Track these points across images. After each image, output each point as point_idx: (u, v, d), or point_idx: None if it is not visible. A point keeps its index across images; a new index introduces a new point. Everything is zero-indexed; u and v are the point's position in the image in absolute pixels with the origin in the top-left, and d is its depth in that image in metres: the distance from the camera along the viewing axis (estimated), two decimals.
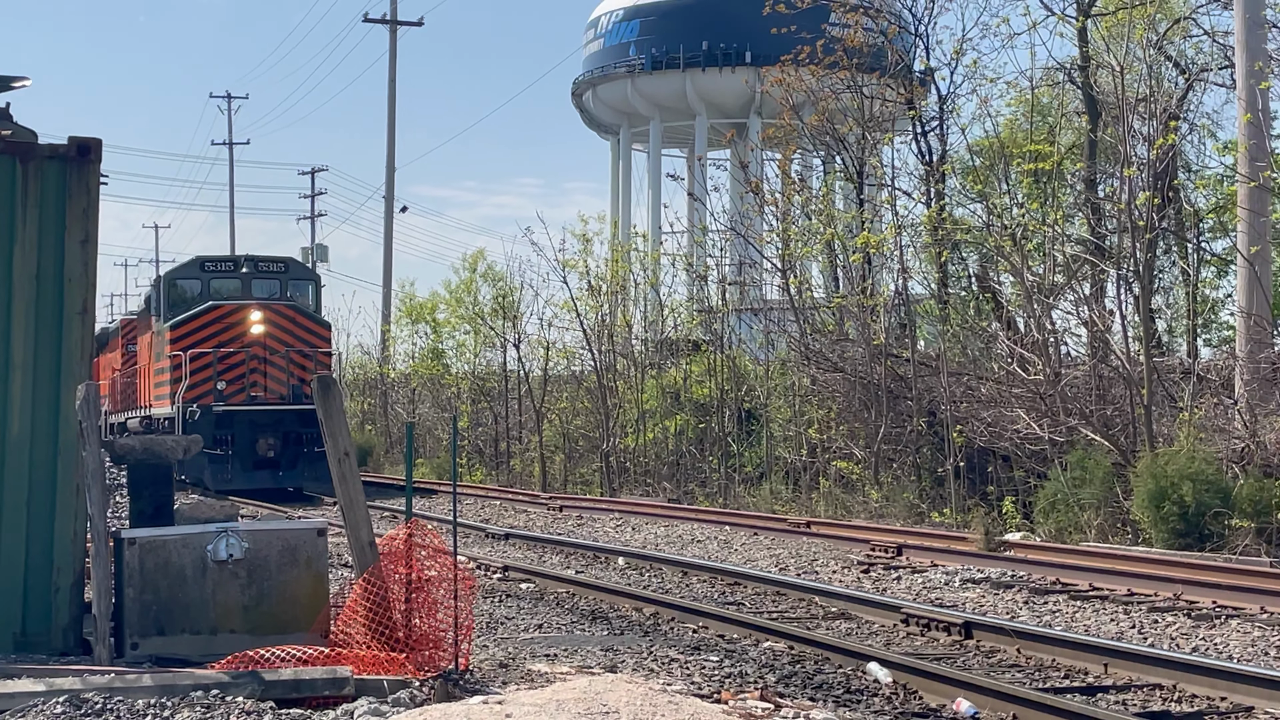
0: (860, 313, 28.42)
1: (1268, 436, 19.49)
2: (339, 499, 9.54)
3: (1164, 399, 22.07)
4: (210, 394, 30.60)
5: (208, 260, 34.04)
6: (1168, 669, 10.14)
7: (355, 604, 9.26)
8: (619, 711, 7.49)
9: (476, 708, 7.18)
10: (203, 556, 9.47)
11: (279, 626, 9.44)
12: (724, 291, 35.09)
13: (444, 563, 9.40)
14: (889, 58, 29.81)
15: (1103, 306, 25.22)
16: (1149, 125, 23.34)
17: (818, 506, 25.75)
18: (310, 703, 8.17)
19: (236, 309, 31.42)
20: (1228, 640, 12.02)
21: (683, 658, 10.84)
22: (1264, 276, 21.06)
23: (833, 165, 33.79)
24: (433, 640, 9.17)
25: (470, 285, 43.73)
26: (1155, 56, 28.77)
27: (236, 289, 32.76)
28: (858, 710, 9.16)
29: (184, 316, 31.61)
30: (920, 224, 29.07)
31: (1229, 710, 9.31)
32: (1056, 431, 22.34)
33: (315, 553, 9.71)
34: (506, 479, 38.29)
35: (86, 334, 9.69)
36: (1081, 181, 29.08)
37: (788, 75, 30.90)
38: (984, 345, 27.47)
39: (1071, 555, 17.62)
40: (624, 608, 14.03)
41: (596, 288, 36.63)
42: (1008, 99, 30.67)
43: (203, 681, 8.26)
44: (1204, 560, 16.55)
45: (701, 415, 32.67)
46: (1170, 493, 18.54)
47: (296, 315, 32.17)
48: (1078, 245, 26.92)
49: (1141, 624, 12.92)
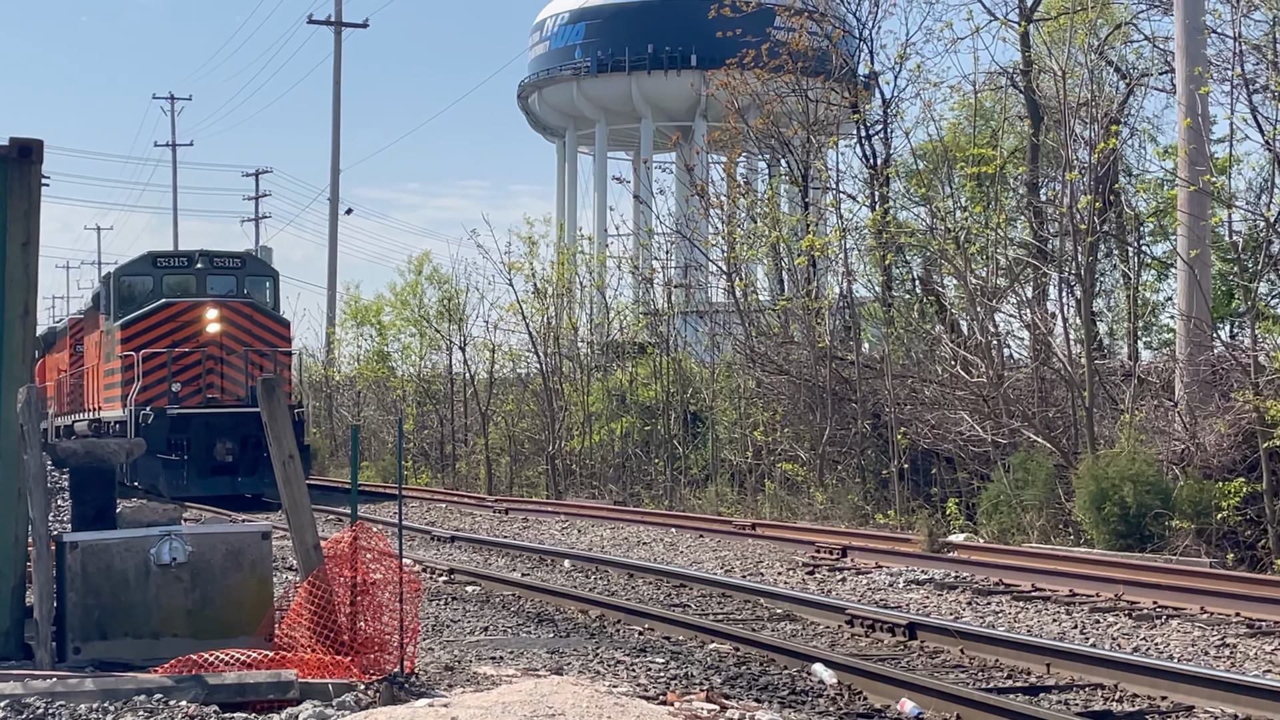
0: (805, 315, 28.50)
1: (1207, 439, 19.66)
2: (284, 502, 9.50)
3: (1105, 401, 22.23)
4: (164, 396, 29.35)
5: (160, 256, 32.56)
6: (1109, 669, 10.21)
7: (300, 607, 9.22)
8: (565, 714, 7.49)
9: (422, 711, 7.17)
10: (146, 560, 9.41)
11: (223, 630, 9.38)
12: (669, 294, 35.13)
13: (389, 565, 9.37)
14: (833, 61, 29.93)
15: (1045, 309, 25.39)
16: (1090, 129, 23.50)
17: (763, 508, 25.81)
18: (254, 707, 8.13)
19: (191, 306, 30.07)
20: (1168, 640, 12.12)
21: (629, 660, 10.84)
22: (1203, 280, 21.24)
23: (778, 168, 33.90)
24: (378, 643, 9.14)
25: (415, 288, 43.60)
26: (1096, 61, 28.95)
27: (191, 286, 31.18)
28: (803, 711, 9.19)
29: (135, 315, 30.19)
30: (865, 227, 29.21)
31: (1170, 709, 9.38)
32: (999, 433, 22.47)
33: (259, 556, 9.66)
34: (452, 482, 38.20)
35: (28, 337, 9.60)
36: (1024, 185, 29.31)
37: (733, 78, 30.99)
38: (928, 348, 27.62)
39: (1014, 556, 17.71)
40: (570, 610, 14.02)
41: (542, 290, 36.60)
42: (951, 103, 30.87)
43: (145, 686, 8.21)
44: (1145, 561, 16.68)
45: (647, 418, 32.69)
46: (1111, 494, 18.68)
47: (254, 313, 30.82)
48: (1020, 248, 27.11)
49: (1083, 624, 13.01)
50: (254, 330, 30.47)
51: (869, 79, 30.44)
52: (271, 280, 32.82)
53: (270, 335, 30.85)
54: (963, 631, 11.74)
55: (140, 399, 29.07)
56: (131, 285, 31.25)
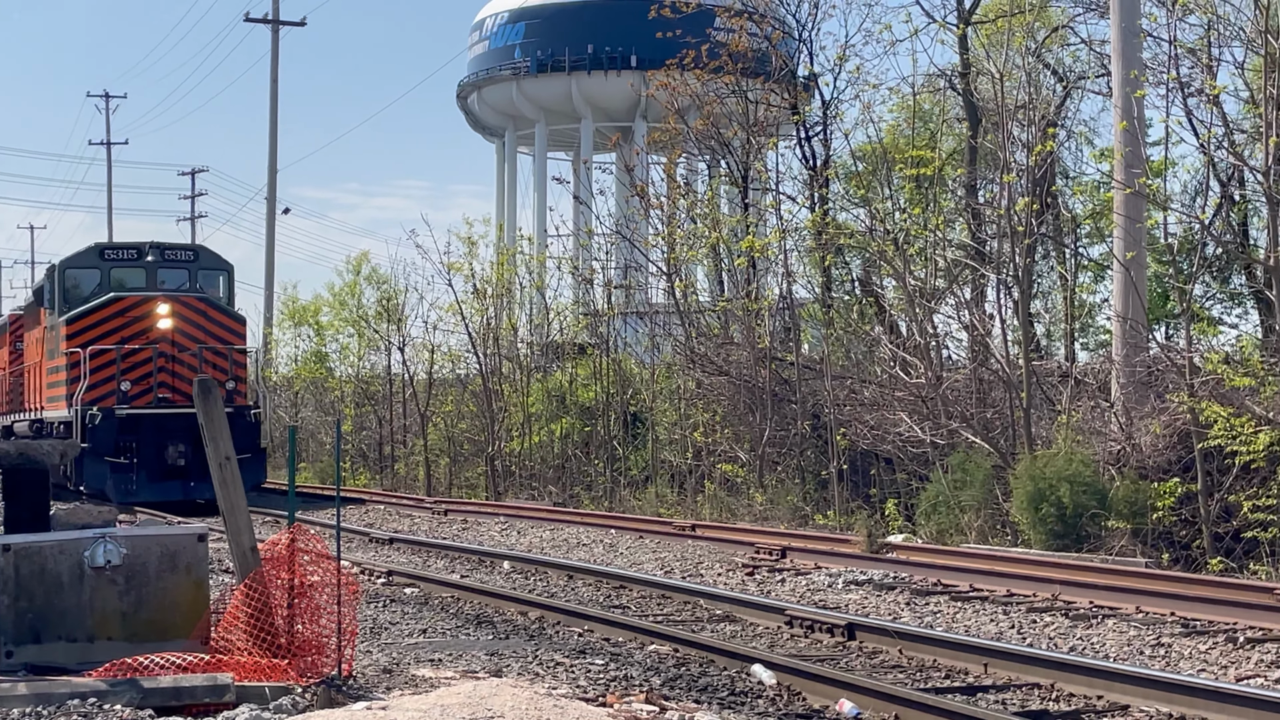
0: (745, 316, 28.56)
1: (1143, 439, 19.82)
2: (220, 504, 9.44)
3: (1042, 402, 22.38)
4: (113, 395, 27.77)
5: (108, 248, 30.55)
6: (1046, 668, 10.28)
7: (237, 610, 9.16)
8: (504, 716, 7.47)
9: (360, 714, 7.14)
10: (80, 563, 9.32)
11: (158, 633, 9.30)
12: (609, 295, 35.14)
13: (327, 568, 9.32)
14: (773, 63, 30.03)
15: (983, 310, 25.55)
16: (1028, 132, 23.69)
17: (703, 509, 25.85)
18: (190, 710, 8.08)
19: (142, 301, 28.39)
20: (1104, 640, 12.21)
21: (568, 661, 10.83)
22: (1139, 281, 21.42)
23: (718, 169, 33.97)
24: (316, 646, 9.09)
25: (354, 288, 43.46)
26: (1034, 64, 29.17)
27: (141, 280, 29.40)
28: (742, 712, 9.21)
29: (82, 310, 28.56)
30: (804, 228, 29.32)
31: (1105, 709, 9.46)
32: (938, 434, 22.58)
33: (195, 558, 9.59)
34: (391, 483, 38.09)
35: None
36: (962, 187, 29.47)
37: (673, 79, 31.03)
38: (867, 349, 27.73)
39: (952, 557, 17.81)
40: (509, 612, 13.99)
41: (482, 291, 36.53)
42: (890, 105, 31.04)
43: (80, 690, 8.14)
44: (1081, 561, 16.81)
45: (587, 419, 32.68)
46: (1048, 494, 18.80)
47: (208, 309, 29.14)
48: (958, 250, 27.28)
49: (1020, 624, 13.09)
50: (208, 327, 28.93)
51: (808, 80, 30.58)
52: (226, 274, 31.19)
53: (225, 332, 29.33)
54: (901, 632, 11.79)
55: (87, 398, 27.60)
56: (77, 278, 29.60)
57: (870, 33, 38.68)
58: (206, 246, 32.05)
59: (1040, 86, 29.50)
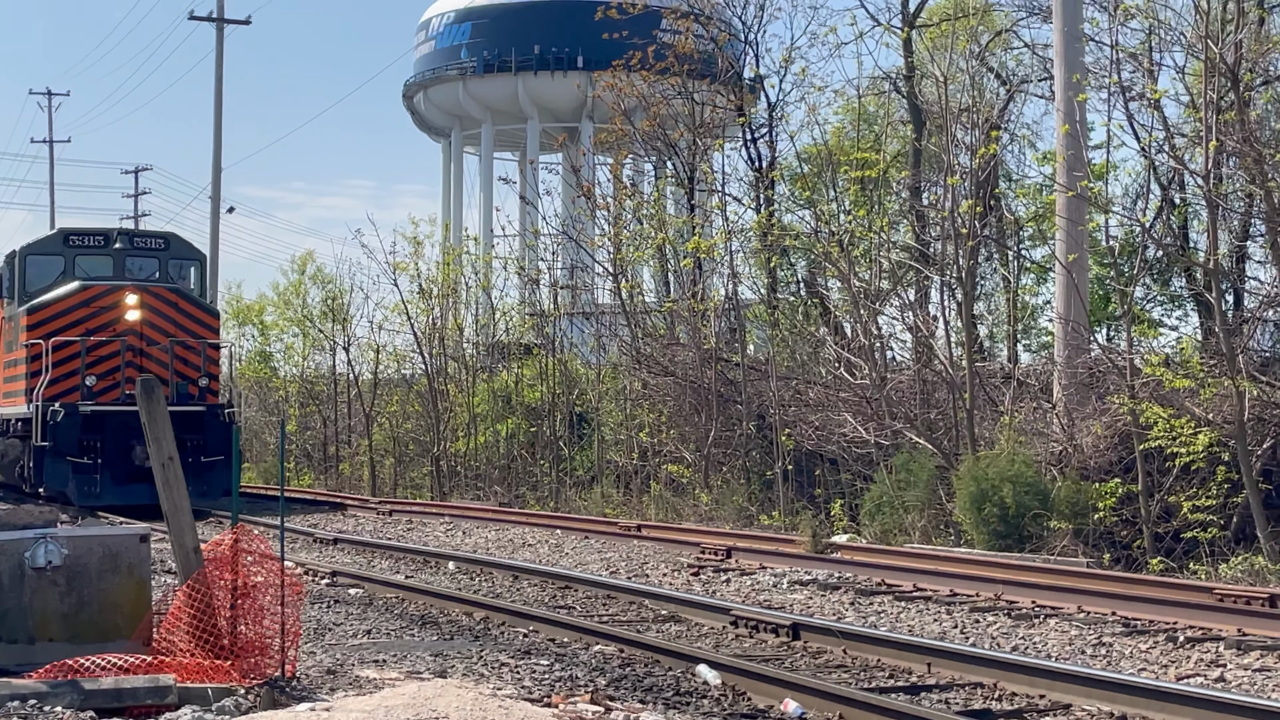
0: (691, 317, 28.59)
1: (1084, 440, 19.96)
2: (163, 504, 9.36)
3: (985, 403, 22.51)
4: (76, 390, 25.61)
5: (73, 233, 28.02)
6: (989, 668, 10.31)
7: (179, 611, 9.10)
8: (448, 717, 7.45)
9: (303, 715, 7.10)
10: (20, 563, 9.23)
11: (100, 634, 9.22)
12: (556, 295, 35.12)
13: (271, 568, 9.26)
14: (719, 64, 30.08)
15: (927, 312, 25.70)
16: (971, 135, 23.81)
17: (648, 510, 25.85)
18: (132, 712, 8.02)
19: (109, 290, 26.27)
20: (1046, 639, 12.27)
21: (513, 662, 10.80)
22: (1081, 284, 21.57)
23: (664, 170, 34.00)
24: (259, 647, 9.04)
25: (299, 287, 43.28)
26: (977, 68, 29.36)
27: (108, 268, 27.16)
28: (687, 712, 9.20)
29: (45, 299, 26.44)
30: (750, 230, 29.38)
31: (1047, 708, 9.50)
32: (882, 435, 22.66)
33: (138, 559, 9.51)
34: (335, 483, 37.92)
35: None
36: (906, 189, 29.63)
37: (620, 80, 31.04)
38: (812, 350, 27.82)
39: (896, 557, 17.86)
40: (454, 612, 13.94)
41: (428, 291, 36.46)
42: (835, 107, 31.21)
43: (20, 691, 8.06)
44: (1023, 561, 16.90)
45: (533, 419, 32.65)
46: (991, 495, 18.90)
47: (180, 300, 26.99)
48: (903, 252, 27.40)
49: (963, 624, 13.13)
50: (179, 319, 26.78)
51: (754, 83, 30.64)
52: (198, 265, 29.01)
53: (197, 326, 27.11)
54: (845, 632, 11.81)
55: (48, 394, 25.50)
56: (40, 265, 27.33)
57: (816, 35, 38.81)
58: (178, 235, 29.71)
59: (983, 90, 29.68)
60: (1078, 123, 21.44)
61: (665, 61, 29.49)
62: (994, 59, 30.99)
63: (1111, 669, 10.65)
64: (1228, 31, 19.46)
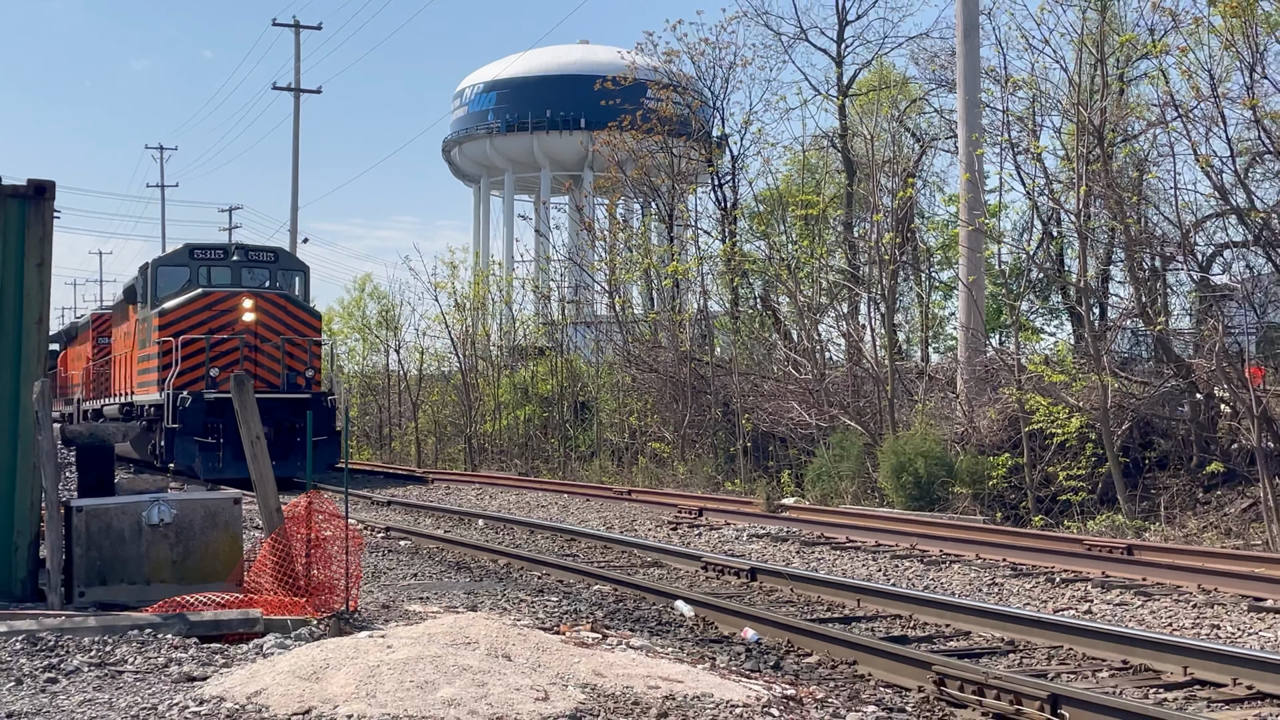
0: (670, 326, 28.60)
1: (981, 423, 19.99)
2: (251, 474, 9.35)
3: (903, 394, 22.54)
4: (201, 380, 24.77)
5: (197, 248, 26.95)
6: (906, 603, 10.35)
7: (264, 559, 9.09)
8: (479, 641, 7.45)
9: (364, 640, 7.10)
10: (138, 521, 9.22)
11: (202, 577, 9.22)
12: (563, 308, 35.11)
13: (337, 524, 9.26)
14: (693, 125, 30.05)
15: (857, 322, 25.69)
16: (892, 181, 23.85)
17: (637, 478, 25.84)
18: (227, 638, 8.01)
19: (229, 295, 25.40)
20: (951, 580, 12.30)
21: (530, 598, 10.81)
22: (978, 299, 21.60)
23: (649, 209, 33.96)
24: (328, 587, 9.03)
25: (359, 302, 43.24)
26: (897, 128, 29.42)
27: (227, 277, 26.25)
28: (667, 638, 9.21)
29: (174, 303, 25.42)
30: (717, 256, 29.36)
31: (952, 634, 9.52)
32: (821, 419, 22.68)
33: (232, 517, 9.51)
34: (389, 457, 37.83)
35: (42, 340, 9.39)
36: (841, 224, 29.61)
37: (614, 138, 31.00)
38: (766, 351, 27.83)
39: (833, 515, 17.89)
40: (483, 559, 13.94)
41: (462, 305, 36.43)
42: (784, 160, 31.16)
43: (138, 622, 8.06)
44: (933, 519, 16.93)
45: (545, 406, 32.62)
46: (907, 466, 18.93)
47: (288, 304, 25.95)
48: (838, 274, 27.40)
49: (886, 568, 13.16)
50: (287, 320, 25.81)
51: (720, 140, 30.59)
52: (302, 275, 27.58)
53: (303, 326, 26.03)
54: (792, 574, 11.83)
55: (177, 383, 24.69)
56: (168, 275, 26.30)
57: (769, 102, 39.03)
58: (285, 249, 28.17)
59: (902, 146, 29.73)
60: (976, 171, 21.47)
61: (650, 123, 29.45)
62: (910, 121, 31.00)
63: (1002, 604, 10.69)
64: (1095, 100, 19.50)
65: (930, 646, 9.03)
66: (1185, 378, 17.84)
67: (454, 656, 6.69)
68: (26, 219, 9.32)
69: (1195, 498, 17.06)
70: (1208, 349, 17.29)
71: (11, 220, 9.28)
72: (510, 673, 6.63)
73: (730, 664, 8.09)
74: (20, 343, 9.25)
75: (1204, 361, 17.73)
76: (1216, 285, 18.93)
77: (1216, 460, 17.00)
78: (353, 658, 6.62)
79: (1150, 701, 7.33)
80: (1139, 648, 8.29)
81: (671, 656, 7.94)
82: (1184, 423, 18.07)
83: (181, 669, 7.10)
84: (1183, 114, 17.05)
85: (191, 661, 7.29)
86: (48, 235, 9.41)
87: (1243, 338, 17.63)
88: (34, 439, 9.09)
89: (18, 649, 7.47)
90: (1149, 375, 19.45)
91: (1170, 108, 17.50)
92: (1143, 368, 20.29)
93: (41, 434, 8.99)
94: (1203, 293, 19.23)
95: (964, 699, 7.21)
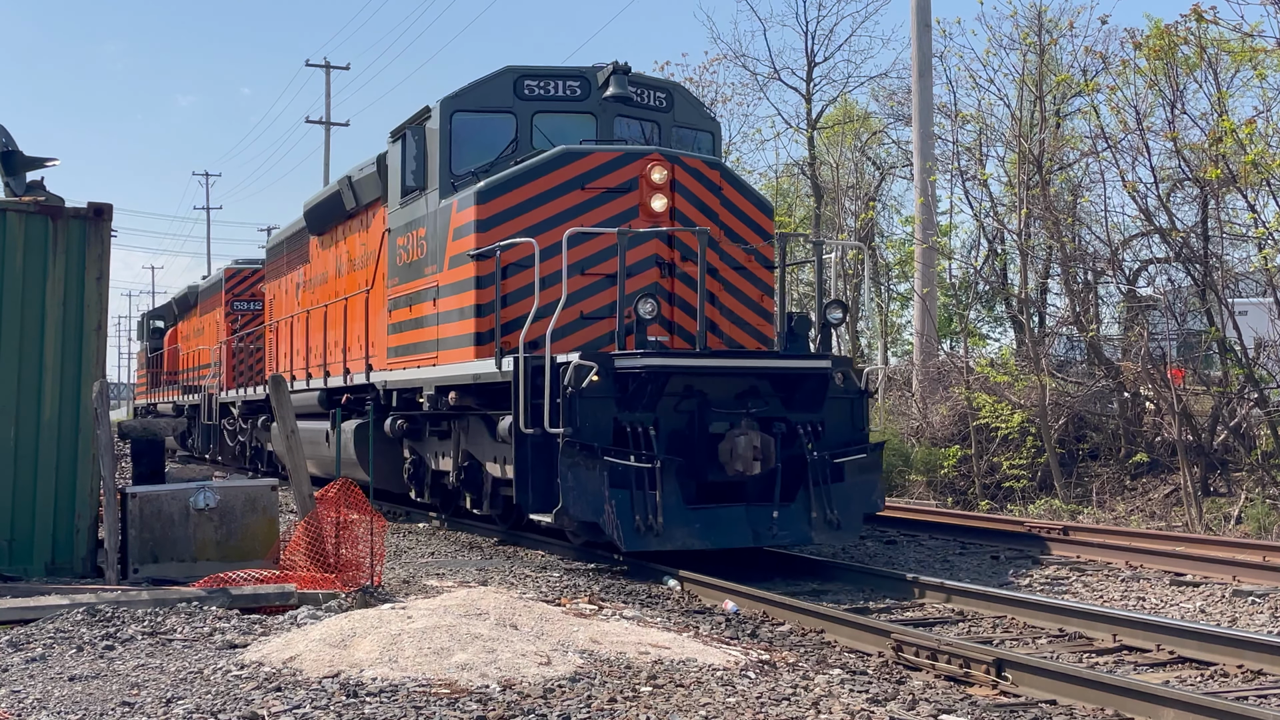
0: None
1: (934, 418, 20.04)
2: (286, 464, 9.34)
3: None
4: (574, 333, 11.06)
5: (527, 75, 12.04)
6: (868, 578, 10.37)
7: (299, 539, 9.09)
8: (489, 612, 7.47)
9: (387, 611, 7.11)
10: (186, 505, 9.22)
11: (242, 556, 9.23)
12: None
13: (363, 508, 9.27)
14: None
15: None
16: (855, 204, 23.86)
17: None
18: (265, 610, 8.03)
19: (628, 157, 11.20)
20: (907, 558, 12.32)
21: (534, 575, 10.80)
22: (932, 309, 21.66)
23: None
24: (355, 565, 9.04)
25: None
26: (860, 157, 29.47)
27: (588, 130, 12.13)
28: (656, 610, 9.22)
29: (511, 173, 11.26)
30: None
31: (908, 606, 9.55)
32: None
33: (269, 502, 9.51)
34: None
35: (100, 345, 9.49)
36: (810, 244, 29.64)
37: None
38: None
39: None
40: (493, 540, 13.92)
41: None
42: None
43: (186, 596, 8.08)
44: (893, 504, 16.94)
45: None
46: None
47: (723, 183, 11.61)
48: (807, 286, 27.45)
49: (850, 549, 13.18)
50: (725, 218, 11.63)
51: None
52: (711, 137, 13.15)
53: (747, 229, 11.83)
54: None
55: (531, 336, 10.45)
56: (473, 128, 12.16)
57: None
58: (680, 84, 13.44)
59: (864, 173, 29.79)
60: (930, 196, 21.53)
61: None
62: (871, 151, 31.06)
63: (952, 579, 10.71)
64: (1035, 132, 19.57)
65: (889, 617, 9.06)
66: (1114, 378, 17.90)
67: (467, 626, 6.71)
68: (87, 238, 9.38)
69: (1123, 485, 17.12)
70: (1134, 353, 17.37)
71: (73, 239, 9.37)
72: (517, 640, 6.65)
73: (712, 632, 8.10)
74: (81, 348, 9.33)
75: (1131, 364, 17.82)
76: (1142, 297, 19.00)
77: (1142, 451, 17.07)
78: (377, 627, 6.64)
79: (1084, 665, 7.36)
80: (1074, 618, 8.32)
81: (660, 626, 7.95)
82: (1113, 418, 18.13)
83: (225, 637, 7.12)
84: (1112, 145, 17.13)
85: (233, 630, 7.30)
86: (106, 252, 9.45)
87: (1165, 343, 17.72)
88: (93, 433, 9.12)
89: (79, 619, 7.50)
90: (1082, 376, 19.51)
91: (1101, 139, 17.58)
92: (1077, 369, 20.35)
93: (100, 428, 9.02)
94: (1130, 303, 19.30)
95: (919, 663, 7.24)
